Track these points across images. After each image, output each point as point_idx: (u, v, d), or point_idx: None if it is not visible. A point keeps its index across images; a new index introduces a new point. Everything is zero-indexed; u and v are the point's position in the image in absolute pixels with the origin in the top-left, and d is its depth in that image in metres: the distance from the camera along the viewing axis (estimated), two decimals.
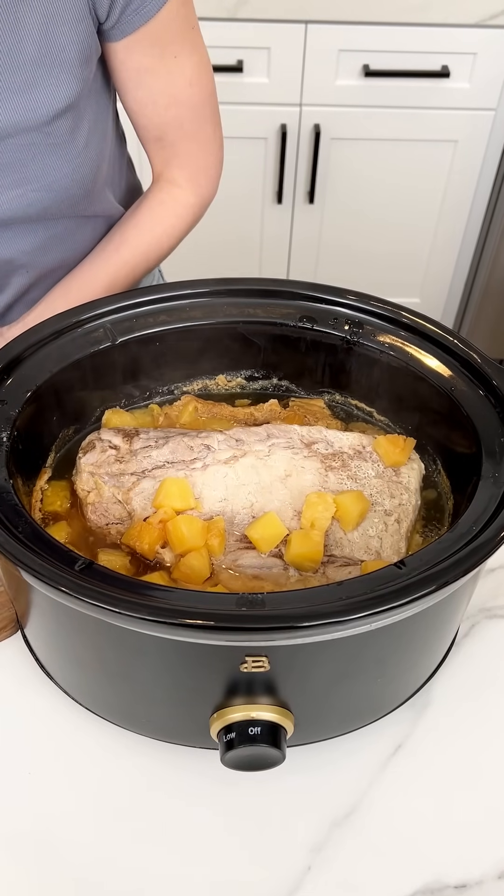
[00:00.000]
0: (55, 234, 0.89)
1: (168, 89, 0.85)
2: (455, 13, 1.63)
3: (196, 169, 0.93)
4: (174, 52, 0.84)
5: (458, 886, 0.56)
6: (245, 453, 0.66)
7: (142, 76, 0.84)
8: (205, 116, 0.90)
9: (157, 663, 0.53)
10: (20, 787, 0.60)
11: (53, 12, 0.73)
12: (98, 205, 0.91)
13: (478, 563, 0.51)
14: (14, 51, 0.73)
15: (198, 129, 0.90)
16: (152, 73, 0.84)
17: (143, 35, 0.81)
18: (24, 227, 0.85)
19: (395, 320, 0.70)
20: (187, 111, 0.88)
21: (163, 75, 0.84)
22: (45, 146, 0.79)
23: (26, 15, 0.72)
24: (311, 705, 0.56)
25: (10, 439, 0.59)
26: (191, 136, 0.90)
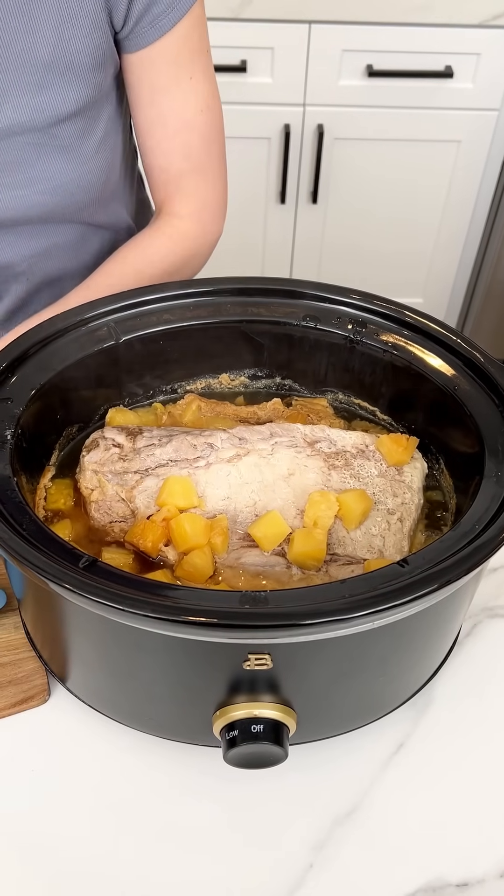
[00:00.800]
0: (58, 241, 0.88)
1: (180, 113, 0.84)
2: (458, 13, 1.63)
3: (200, 203, 0.90)
4: (189, 73, 0.83)
5: (459, 885, 0.57)
6: (248, 452, 0.66)
7: (155, 94, 0.83)
8: (212, 150, 0.88)
9: (160, 661, 0.53)
10: (23, 785, 0.60)
11: (69, 16, 0.73)
12: (104, 215, 0.90)
13: (480, 562, 0.51)
14: (27, 51, 0.73)
15: (205, 161, 0.88)
16: (166, 93, 0.83)
17: (159, 51, 0.80)
18: (25, 229, 0.85)
19: (398, 320, 0.70)
20: (196, 139, 0.86)
21: (177, 96, 0.83)
22: (52, 148, 0.78)
23: (42, 17, 0.72)
24: (313, 703, 0.56)
25: (14, 437, 0.59)
26: (197, 168, 0.88)
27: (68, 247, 0.90)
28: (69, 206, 0.84)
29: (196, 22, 0.81)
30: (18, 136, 0.76)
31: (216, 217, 0.92)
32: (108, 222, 0.92)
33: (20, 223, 0.83)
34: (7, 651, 0.66)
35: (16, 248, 0.86)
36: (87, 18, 0.74)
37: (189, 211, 0.90)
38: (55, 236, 0.87)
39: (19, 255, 0.86)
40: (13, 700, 0.63)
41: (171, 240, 0.89)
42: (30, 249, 0.87)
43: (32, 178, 0.79)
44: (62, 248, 0.89)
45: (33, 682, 0.64)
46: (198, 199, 0.90)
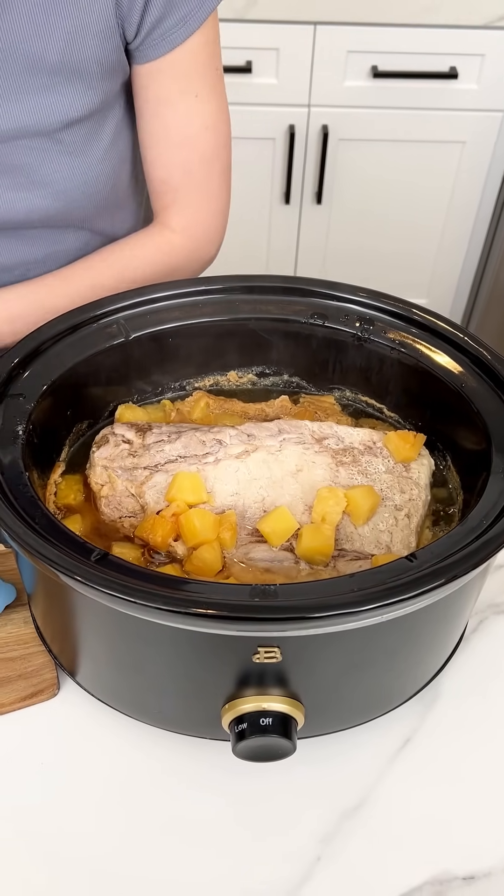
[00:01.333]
0: (58, 249, 0.87)
1: (183, 128, 0.84)
2: (463, 15, 1.63)
3: (194, 220, 0.89)
4: (196, 89, 0.83)
5: (466, 878, 0.57)
6: (256, 448, 0.66)
7: (159, 107, 0.83)
8: (214, 168, 0.88)
9: (170, 654, 0.54)
10: (32, 778, 0.61)
11: (82, 24, 0.73)
12: (109, 224, 0.90)
13: (488, 557, 0.51)
14: (36, 55, 0.73)
15: (204, 178, 0.88)
16: (171, 107, 0.82)
17: (167, 64, 0.80)
18: (25, 234, 0.84)
19: (405, 317, 0.70)
20: (197, 157, 0.86)
21: (181, 111, 0.83)
22: (57, 153, 0.78)
23: (53, 23, 0.72)
24: (321, 697, 0.57)
25: (25, 433, 0.60)
26: (195, 185, 0.87)
27: (68, 255, 0.89)
28: (72, 211, 0.84)
29: (207, 40, 0.81)
30: (24, 138, 0.76)
31: (210, 236, 0.92)
32: (112, 232, 0.92)
33: (21, 227, 0.83)
34: (17, 645, 0.66)
35: (13, 252, 0.85)
36: (98, 27, 0.74)
37: (182, 225, 0.89)
38: (56, 244, 0.87)
39: (15, 259, 0.86)
40: (23, 694, 0.64)
41: (158, 249, 0.88)
42: (29, 254, 0.86)
43: (36, 182, 0.79)
44: (61, 256, 0.89)
45: (43, 676, 0.65)
46: (192, 216, 0.89)
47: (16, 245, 0.85)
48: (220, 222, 0.92)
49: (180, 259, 0.90)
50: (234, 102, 1.78)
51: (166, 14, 0.77)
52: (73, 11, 0.73)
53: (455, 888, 0.56)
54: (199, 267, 0.93)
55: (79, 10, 0.73)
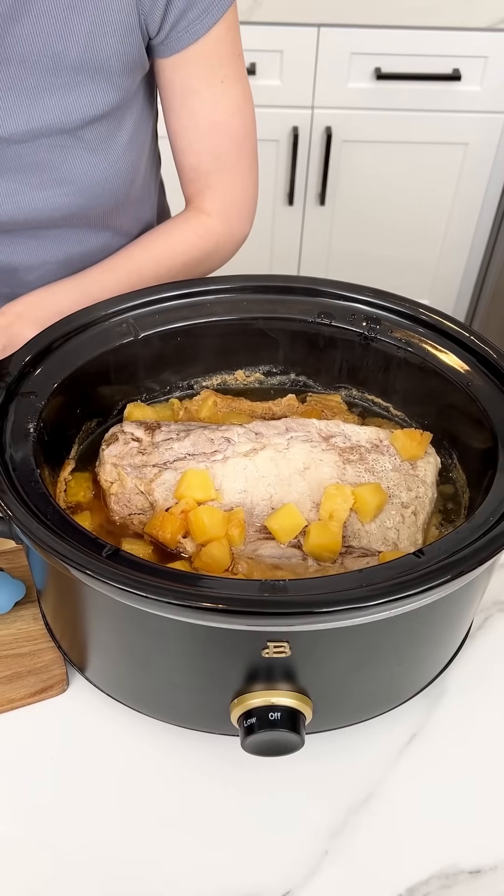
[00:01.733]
0: (81, 250, 0.88)
1: (211, 115, 0.85)
2: (466, 17, 1.64)
3: (228, 202, 0.91)
4: (221, 76, 0.84)
5: (472, 872, 0.57)
6: (264, 446, 0.67)
7: (187, 97, 0.84)
8: (243, 151, 0.89)
9: (179, 649, 0.55)
10: (43, 773, 0.61)
11: (103, 22, 0.74)
12: (128, 220, 0.91)
13: (495, 553, 0.52)
14: (58, 54, 0.74)
15: (235, 162, 0.89)
16: (198, 96, 0.84)
17: (192, 55, 0.81)
18: (49, 234, 0.85)
19: (412, 317, 0.71)
20: (227, 141, 0.87)
21: (207, 99, 0.84)
22: (79, 150, 0.79)
23: (75, 22, 0.73)
24: (329, 692, 0.57)
25: (36, 430, 0.61)
26: (227, 168, 0.89)
27: (89, 256, 0.90)
28: (94, 208, 0.85)
29: (229, 27, 0.83)
30: (46, 137, 0.77)
31: (243, 217, 0.93)
32: (130, 229, 0.92)
33: (45, 226, 0.84)
34: (27, 641, 0.67)
35: (36, 253, 0.86)
36: (119, 25, 0.75)
37: (217, 208, 0.91)
38: (77, 244, 0.88)
39: (38, 260, 0.87)
40: (33, 689, 0.64)
41: (195, 233, 0.90)
42: (51, 255, 0.87)
43: (59, 180, 0.80)
44: (83, 257, 0.89)
45: (52, 672, 0.65)
46: (226, 198, 0.91)
47: (38, 245, 0.85)
48: (251, 201, 0.94)
49: (217, 241, 0.91)
50: None
51: (189, 6, 0.78)
52: (94, 10, 0.73)
53: (462, 881, 0.57)
54: (233, 247, 0.95)
55: (99, 9, 0.74)
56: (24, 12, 0.71)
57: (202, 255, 0.91)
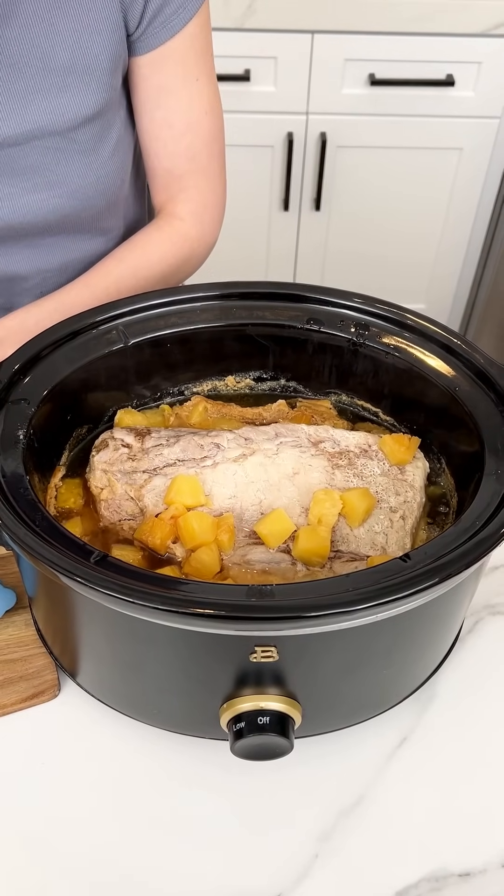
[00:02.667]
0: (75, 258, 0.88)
1: (186, 114, 0.85)
2: (459, 23, 1.65)
3: (201, 205, 0.91)
4: (196, 74, 0.84)
5: (462, 874, 0.58)
6: (254, 452, 0.67)
7: (162, 96, 0.84)
8: (214, 151, 0.90)
9: (169, 654, 0.55)
10: (34, 778, 0.61)
11: (89, 21, 0.74)
12: (117, 221, 0.91)
13: (480, 557, 0.52)
14: (47, 56, 0.74)
15: (207, 163, 0.89)
16: (173, 95, 0.84)
17: (169, 51, 0.81)
18: (43, 242, 0.85)
19: (400, 322, 0.71)
20: (200, 141, 0.87)
21: (183, 97, 0.84)
22: (71, 152, 0.79)
23: (61, 21, 0.73)
24: (318, 696, 0.58)
25: (26, 437, 0.61)
26: (200, 169, 0.89)
27: (83, 263, 0.90)
28: (87, 210, 0.85)
29: (203, 23, 0.83)
30: (39, 139, 0.77)
31: (215, 219, 0.93)
32: (121, 232, 0.92)
33: (40, 232, 0.84)
34: (18, 647, 0.67)
35: (31, 261, 0.86)
36: (105, 22, 0.75)
37: (190, 211, 0.90)
38: (71, 251, 0.88)
39: (34, 268, 0.87)
40: (24, 695, 0.64)
41: (170, 240, 0.89)
42: (45, 263, 0.87)
43: (52, 182, 0.80)
44: (77, 264, 0.90)
45: (44, 678, 0.65)
46: (199, 201, 0.91)
47: (33, 254, 0.86)
48: (222, 204, 0.94)
49: (192, 246, 0.91)
50: (232, 110, 1.80)
51: (167, 1, 0.78)
52: (80, 10, 0.74)
53: (451, 884, 0.57)
54: (205, 252, 0.95)
55: (85, 8, 0.74)
56: (11, 15, 0.72)
57: (178, 262, 0.91)
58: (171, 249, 0.89)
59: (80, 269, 0.90)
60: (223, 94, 1.66)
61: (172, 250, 0.90)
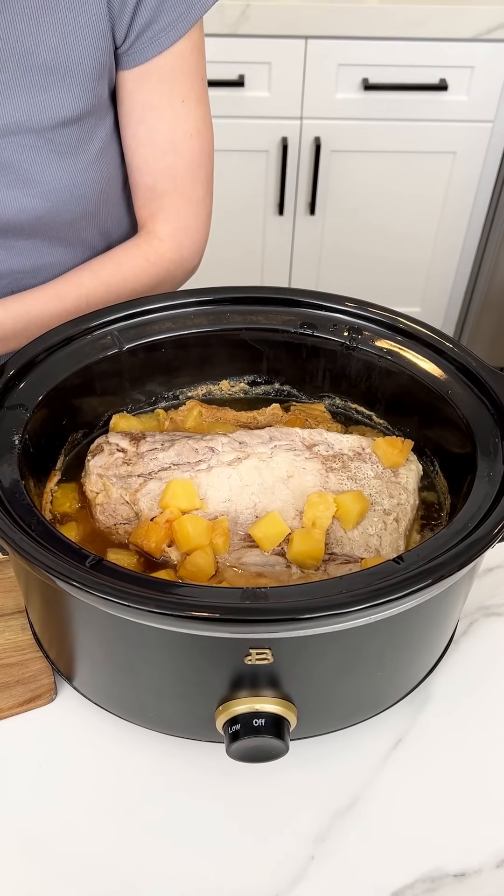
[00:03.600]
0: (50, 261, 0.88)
1: (169, 134, 0.85)
2: (452, 27, 1.66)
3: (181, 227, 0.90)
4: (182, 95, 0.84)
5: (457, 875, 0.58)
6: (248, 455, 0.68)
7: (146, 112, 0.84)
8: (198, 176, 0.89)
9: (164, 657, 0.55)
10: (30, 781, 0.62)
11: (75, 25, 0.75)
12: (97, 235, 0.91)
13: (473, 558, 0.53)
14: (30, 54, 0.74)
15: (190, 186, 0.89)
16: (158, 112, 0.84)
17: (154, 68, 0.81)
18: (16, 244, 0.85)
19: (392, 326, 0.72)
20: (183, 163, 0.87)
21: (168, 117, 0.84)
22: (48, 152, 0.79)
23: (48, 22, 0.74)
24: (313, 698, 0.58)
25: (21, 442, 0.61)
26: (181, 191, 0.89)
27: (58, 267, 0.89)
28: (61, 214, 0.84)
29: (194, 46, 0.83)
30: (15, 135, 0.77)
31: (195, 246, 0.92)
32: (98, 239, 0.92)
33: (12, 232, 0.83)
34: (15, 651, 0.67)
35: (5, 262, 0.86)
36: (91, 28, 0.76)
37: (170, 233, 0.90)
38: (45, 255, 0.87)
39: (6, 268, 0.86)
40: (21, 699, 0.65)
41: (147, 260, 0.89)
42: (18, 264, 0.86)
43: (27, 181, 0.80)
44: (51, 268, 0.89)
45: (40, 682, 0.66)
46: (179, 224, 0.90)
47: (6, 255, 0.85)
48: (204, 230, 0.93)
49: (168, 268, 0.91)
50: (227, 115, 1.81)
51: (155, 18, 0.79)
52: (67, 12, 0.74)
53: (446, 885, 0.57)
54: (183, 277, 0.94)
55: (72, 11, 0.75)
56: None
57: (153, 283, 0.90)
58: (147, 269, 0.89)
59: (55, 272, 0.90)
60: (218, 100, 1.66)
61: (148, 270, 0.89)
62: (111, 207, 0.92)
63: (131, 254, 0.89)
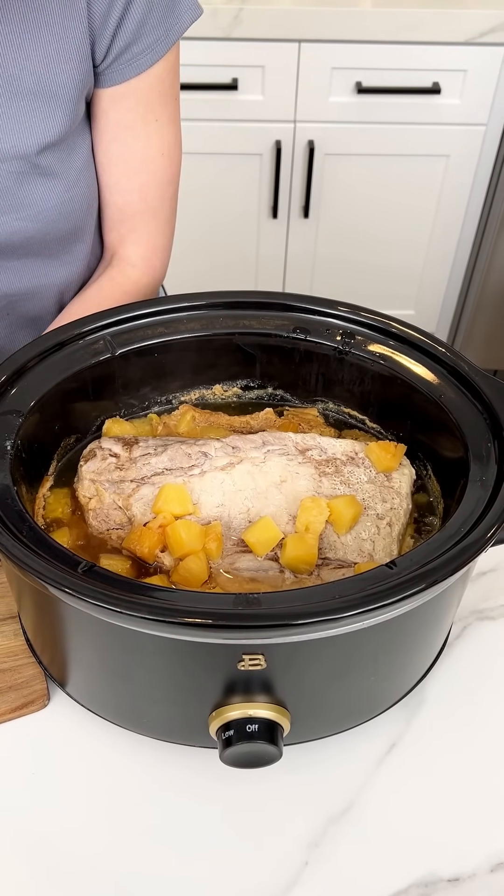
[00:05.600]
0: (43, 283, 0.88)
1: (142, 152, 0.86)
2: (445, 31, 1.66)
3: (151, 248, 0.92)
4: (156, 115, 0.85)
5: (451, 880, 0.58)
6: (241, 460, 0.68)
7: (120, 132, 0.85)
8: (166, 195, 0.90)
9: (157, 663, 0.55)
10: (23, 788, 0.61)
11: (57, 48, 0.75)
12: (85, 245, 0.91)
13: (466, 563, 0.53)
14: (16, 79, 0.75)
15: (159, 206, 0.90)
16: (132, 132, 0.85)
17: (132, 89, 0.82)
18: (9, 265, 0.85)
19: (385, 331, 0.72)
20: (154, 182, 0.88)
21: (141, 136, 0.85)
22: (35, 175, 0.80)
23: (31, 47, 0.74)
24: (306, 703, 0.58)
25: (13, 448, 0.61)
26: (151, 212, 0.90)
27: (53, 288, 0.90)
28: (51, 233, 0.85)
29: (171, 67, 0.84)
30: (3, 162, 0.77)
31: (163, 263, 0.94)
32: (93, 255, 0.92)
33: (4, 254, 0.84)
34: (7, 657, 0.67)
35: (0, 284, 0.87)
36: (73, 50, 0.76)
37: (141, 256, 0.91)
38: (41, 276, 0.88)
39: (2, 292, 0.87)
40: (13, 705, 0.64)
41: (123, 291, 0.90)
42: (13, 286, 0.87)
43: (15, 205, 0.80)
44: (47, 290, 0.90)
45: (33, 688, 0.66)
46: (149, 244, 0.91)
47: (1, 276, 0.86)
48: (169, 248, 0.95)
49: (141, 293, 0.92)
50: (220, 119, 1.81)
51: (135, 40, 0.79)
52: (51, 37, 0.75)
53: (440, 890, 0.57)
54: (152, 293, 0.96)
55: (56, 36, 0.75)
56: None
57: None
58: (124, 298, 0.90)
59: (50, 293, 0.90)
60: (211, 103, 1.66)
61: (125, 299, 0.90)
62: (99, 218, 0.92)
63: (107, 290, 0.90)
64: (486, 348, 2.12)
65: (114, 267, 0.92)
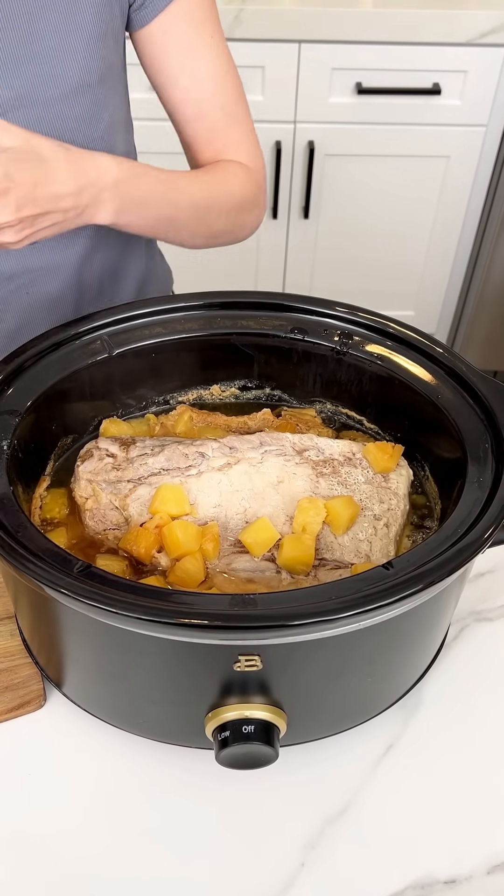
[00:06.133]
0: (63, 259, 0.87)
1: (212, 73, 0.85)
2: (446, 32, 1.66)
3: (251, 152, 0.91)
4: (210, 31, 0.84)
5: (447, 882, 0.58)
6: (238, 460, 0.68)
7: (184, 59, 0.84)
8: (242, 99, 0.90)
9: (153, 664, 0.55)
10: (20, 789, 0.61)
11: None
12: None
13: (462, 564, 0.52)
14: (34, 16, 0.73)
15: (243, 116, 0.90)
16: (195, 54, 0.84)
17: (179, 10, 0.81)
18: None
19: (383, 331, 0.72)
20: (230, 100, 0.88)
21: (206, 55, 0.84)
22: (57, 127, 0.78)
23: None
24: (303, 704, 0.58)
25: (10, 448, 0.61)
26: (238, 122, 0.89)
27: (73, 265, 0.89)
28: None
29: None
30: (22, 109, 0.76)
31: (262, 173, 0.93)
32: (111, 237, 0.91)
33: None
34: (4, 658, 0.67)
35: (19, 259, 0.85)
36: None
37: (246, 156, 0.91)
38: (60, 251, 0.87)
39: (21, 266, 0.86)
40: (10, 705, 0.64)
41: (238, 174, 0.89)
42: (33, 262, 0.86)
43: None
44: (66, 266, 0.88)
45: (29, 688, 0.65)
46: (249, 149, 0.91)
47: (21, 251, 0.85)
48: (259, 145, 0.94)
49: (255, 192, 0.91)
50: None
51: None
52: None
53: (437, 892, 0.57)
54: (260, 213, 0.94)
55: None
56: None
57: (248, 202, 0.90)
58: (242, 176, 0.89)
59: (70, 270, 0.89)
60: None
61: (240, 172, 0.89)
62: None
63: (224, 166, 0.89)
64: (486, 350, 2.12)
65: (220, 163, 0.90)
